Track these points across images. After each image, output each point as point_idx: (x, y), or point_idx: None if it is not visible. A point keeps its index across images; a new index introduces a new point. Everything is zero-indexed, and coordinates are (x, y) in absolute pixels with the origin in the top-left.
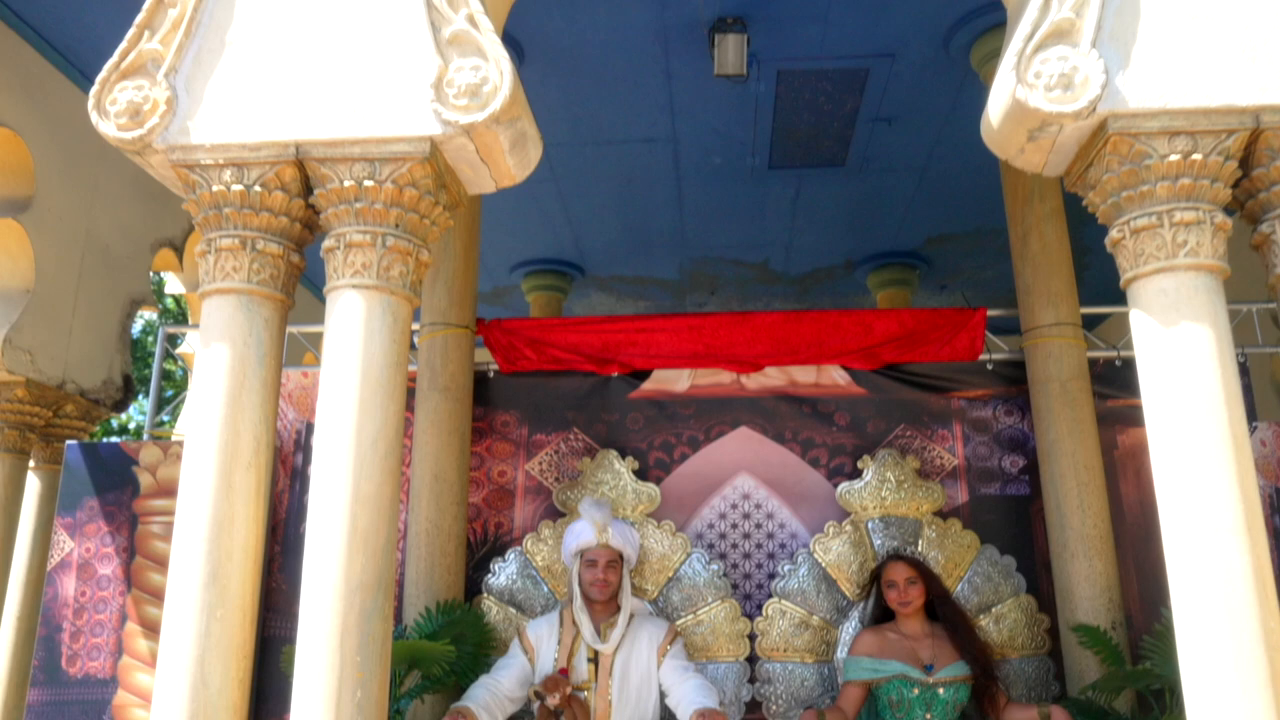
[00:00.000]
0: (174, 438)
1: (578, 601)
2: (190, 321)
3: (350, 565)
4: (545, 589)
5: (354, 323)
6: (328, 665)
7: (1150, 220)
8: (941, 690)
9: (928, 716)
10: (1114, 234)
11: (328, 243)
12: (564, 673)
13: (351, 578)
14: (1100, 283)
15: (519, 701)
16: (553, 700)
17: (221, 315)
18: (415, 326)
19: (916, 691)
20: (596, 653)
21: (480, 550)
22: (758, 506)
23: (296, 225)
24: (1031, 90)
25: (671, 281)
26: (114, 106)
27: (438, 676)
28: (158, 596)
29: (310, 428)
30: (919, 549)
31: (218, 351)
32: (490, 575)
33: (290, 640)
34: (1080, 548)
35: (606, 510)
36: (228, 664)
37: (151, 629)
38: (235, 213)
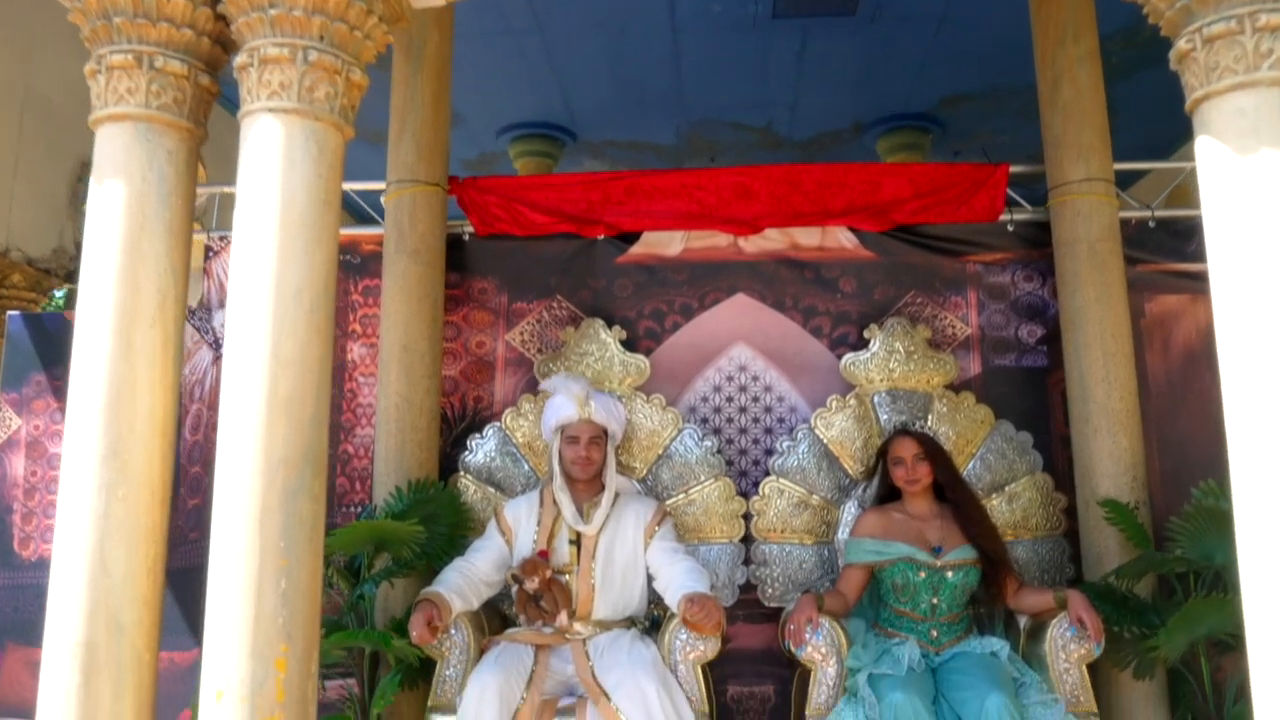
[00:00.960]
0: None
1: (558, 480)
2: None
3: (271, 437)
4: (526, 467)
5: (271, 153)
6: (246, 551)
7: (1228, 25)
8: (950, 574)
9: (934, 601)
10: (1182, 45)
11: (240, 59)
12: (544, 555)
13: (272, 451)
14: (1129, 147)
15: (495, 586)
16: (531, 584)
17: (115, 146)
18: (380, 185)
19: (923, 575)
20: (579, 534)
21: (458, 426)
22: (755, 379)
23: (204, 40)
24: None
25: (668, 146)
26: None
27: (407, 559)
28: None
29: None
30: (928, 424)
31: (112, 189)
32: (467, 453)
33: None
34: (1104, 422)
35: (584, 383)
36: (133, 549)
37: None
38: (128, 23)
